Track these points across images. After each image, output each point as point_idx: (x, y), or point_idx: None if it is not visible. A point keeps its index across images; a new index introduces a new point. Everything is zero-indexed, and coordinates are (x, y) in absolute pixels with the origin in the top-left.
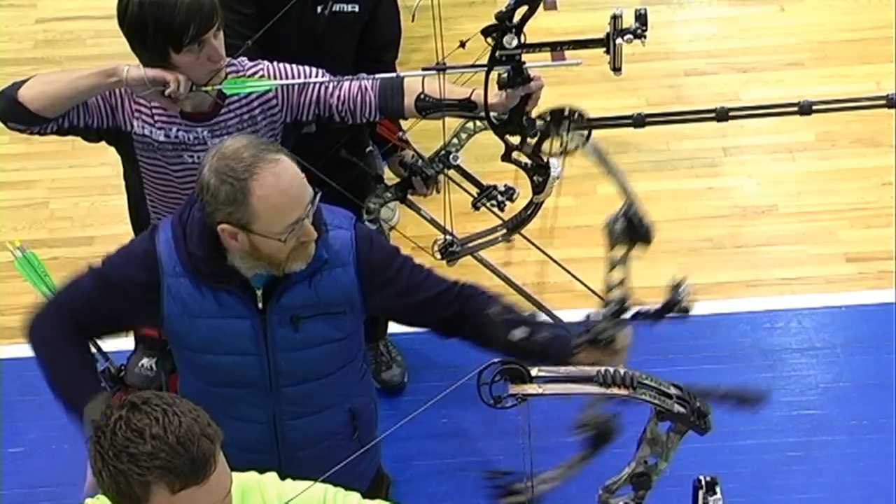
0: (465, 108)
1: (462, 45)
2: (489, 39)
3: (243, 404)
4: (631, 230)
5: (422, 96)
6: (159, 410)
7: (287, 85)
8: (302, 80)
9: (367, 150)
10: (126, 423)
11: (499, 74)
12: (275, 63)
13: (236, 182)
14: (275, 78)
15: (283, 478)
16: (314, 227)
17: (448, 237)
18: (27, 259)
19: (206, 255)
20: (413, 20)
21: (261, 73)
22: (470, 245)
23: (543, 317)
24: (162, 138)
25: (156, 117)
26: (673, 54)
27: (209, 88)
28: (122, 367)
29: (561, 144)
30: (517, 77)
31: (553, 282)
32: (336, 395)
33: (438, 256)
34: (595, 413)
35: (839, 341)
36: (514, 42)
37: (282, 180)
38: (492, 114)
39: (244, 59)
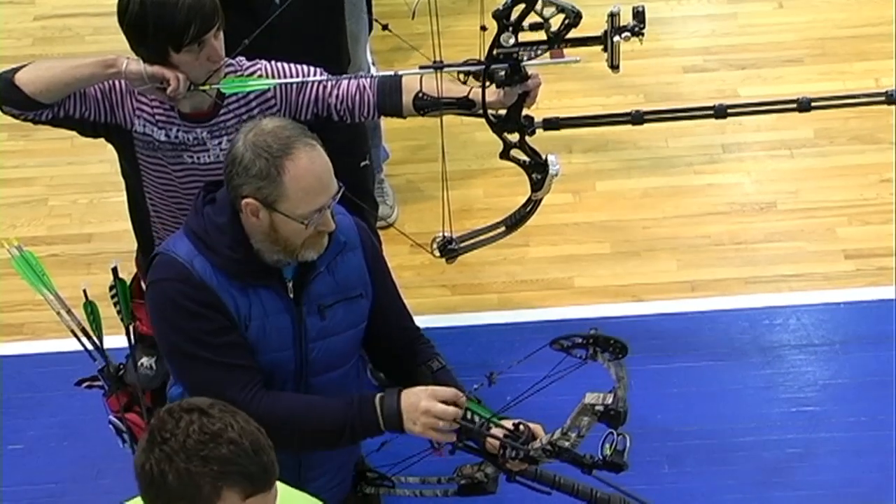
0: (463, 105)
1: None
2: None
3: None
4: (606, 416)
5: (420, 94)
6: (229, 415)
7: (285, 84)
8: (300, 78)
9: (363, 164)
10: (200, 427)
11: (496, 72)
12: (273, 62)
13: (271, 158)
14: (273, 77)
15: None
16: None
17: (446, 234)
18: (25, 259)
19: (245, 256)
20: (413, 18)
21: (259, 72)
22: (468, 243)
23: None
24: (163, 138)
25: (157, 117)
26: (671, 51)
27: (208, 87)
28: (122, 366)
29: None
30: (515, 75)
31: (552, 278)
32: (350, 382)
33: (437, 254)
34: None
35: (838, 338)
36: (512, 40)
37: (316, 164)
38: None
39: (242, 58)
